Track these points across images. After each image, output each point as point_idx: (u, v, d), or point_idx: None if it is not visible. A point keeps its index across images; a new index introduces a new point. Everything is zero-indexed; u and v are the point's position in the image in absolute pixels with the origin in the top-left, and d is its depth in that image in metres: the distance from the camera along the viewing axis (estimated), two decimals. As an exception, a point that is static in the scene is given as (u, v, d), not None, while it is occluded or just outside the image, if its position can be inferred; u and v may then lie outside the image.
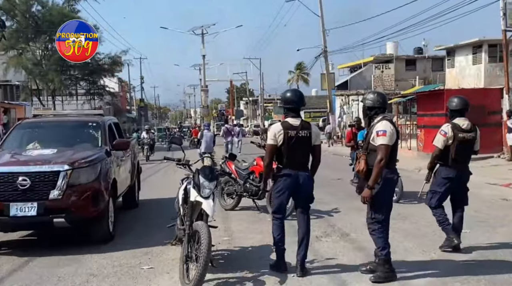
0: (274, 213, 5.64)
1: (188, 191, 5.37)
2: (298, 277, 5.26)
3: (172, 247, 6.37)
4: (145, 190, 11.08)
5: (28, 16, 33.98)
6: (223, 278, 5.32)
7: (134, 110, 67.26)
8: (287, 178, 5.38)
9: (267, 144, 5.51)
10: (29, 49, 34.52)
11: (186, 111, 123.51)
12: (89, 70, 37.84)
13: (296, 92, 5.75)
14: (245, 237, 7.20)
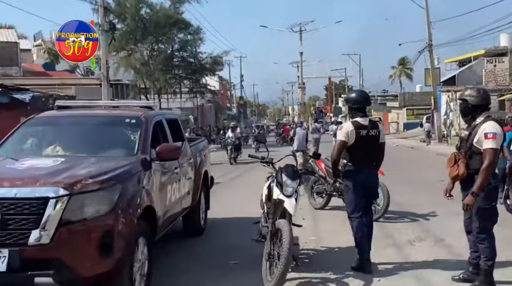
0: (352, 214, 5.61)
1: (272, 189, 5.43)
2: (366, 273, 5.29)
3: (257, 243, 6.47)
4: (220, 202, 9.33)
5: (137, 18, 36.21)
6: (306, 278, 5.33)
7: (234, 107, 69.11)
8: (358, 175, 5.53)
9: (338, 140, 5.57)
10: (137, 50, 36.76)
11: (285, 108, 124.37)
12: (192, 70, 39.51)
13: (362, 93, 6.03)
14: (333, 237, 7.12)
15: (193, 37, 38.53)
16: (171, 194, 5.81)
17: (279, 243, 4.92)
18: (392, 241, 6.94)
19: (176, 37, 38.68)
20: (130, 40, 35.98)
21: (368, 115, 5.79)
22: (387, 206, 8.12)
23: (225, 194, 11.87)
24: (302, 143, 14.43)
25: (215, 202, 8.58)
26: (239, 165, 19.88)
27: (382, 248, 6.52)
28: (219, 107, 60.19)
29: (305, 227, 7.58)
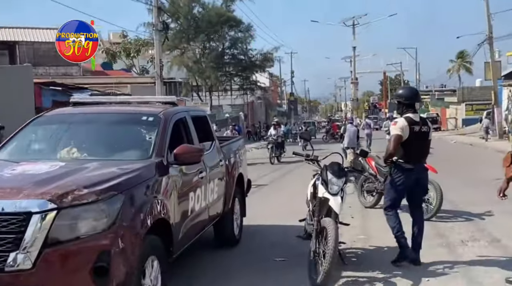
0: (389, 208, 5.69)
1: (317, 187, 5.43)
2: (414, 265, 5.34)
3: (304, 241, 6.49)
4: (260, 205, 9.00)
5: (190, 17, 36.90)
6: (353, 277, 5.29)
7: (284, 104, 69.03)
8: (409, 171, 5.52)
9: (394, 134, 5.52)
10: (190, 48, 37.49)
11: (337, 104, 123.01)
12: (242, 67, 39.90)
13: (412, 89, 6.10)
14: (382, 236, 6.97)
15: (243, 35, 38.94)
16: (195, 202, 5.12)
17: (325, 241, 4.93)
18: (444, 241, 6.77)
19: (227, 35, 39.19)
20: (183, 39, 36.73)
21: (417, 112, 5.82)
22: (439, 204, 7.93)
23: (270, 194, 11.98)
24: (353, 140, 14.28)
25: (257, 202, 8.58)
26: (282, 165, 19.28)
27: (433, 247, 6.38)
28: (269, 104, 60.36)
29: (354, 226, 7.55)
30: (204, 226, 5.67)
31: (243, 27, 38.75)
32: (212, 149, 6.10)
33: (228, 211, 6.43)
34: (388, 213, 5.74)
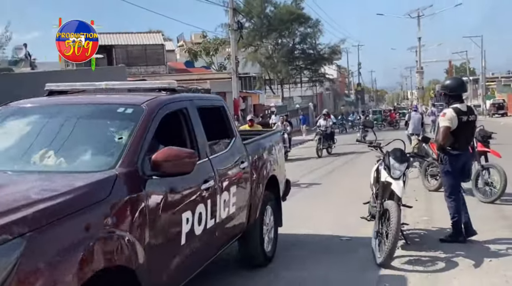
0: (451, 195, 5.56)
1: (380, 172, 5.34)
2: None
3: (370, 222, 6.39)
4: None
5: (262, 16, 37.09)
6: (416, 256, 5.15)
7: (352, 94, 67.67)
8: (458, 159, 5.48)
9: (443, 125, 5.42)
10: (263, 45, 37.73)
11: (403, 93, 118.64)
12: (311, 60, 39.63)
13: (458, 80, 5.94)
14: (445, 218, 6.64)
15: (312, 30, 38.65)
16: (194, 224, 3.47)
17: (387, 222, 4.86)
18: (508, 223, 6.43)
19: (297, 31, 39.06)
20: (256, 36, 37.06)
21: (464, 101, 5.76)
22: (504, 187, 7.53)
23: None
24: (418, 127, 13.76)
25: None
26: (332, 157, 17.26)
27: (497, 229, 6.08)
28: (337, 94, 59.41)
29: (418, 208, 7.34)
30: (214, 251, 4.02)
31: (311, 23, 38.44)
32: (230, 148, 4.47)
33: (255, 223, 4.79)
34: (448, 199, 5.61)
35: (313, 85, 43.69)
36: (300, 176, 11.63)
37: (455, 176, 5.54)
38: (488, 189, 7.78)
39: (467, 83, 65.81)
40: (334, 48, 40.75)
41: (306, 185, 10.67)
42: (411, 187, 8.75)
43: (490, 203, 7.52)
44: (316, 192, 9.84)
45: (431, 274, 4.61)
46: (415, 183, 9.29)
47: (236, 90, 23.03)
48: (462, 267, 4.75)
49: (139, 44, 33.05)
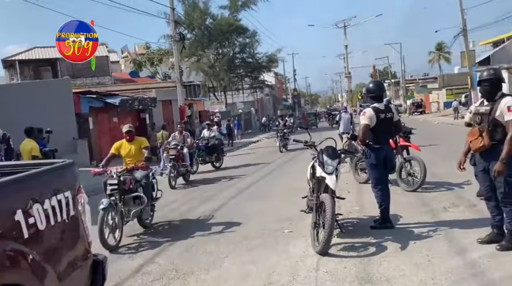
0: (377, 185, 5.76)
1: (315, 168, 5.45)
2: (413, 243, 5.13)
3: (309, 214, 6.51)
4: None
5: (203, 28, 36.86)
6: (350, 243, 5.30)
7: (289, 98, 68.80)
8: (380, 152, 5.70)
9: (362, 123, 5.68)
10: (205, 55, 37.47)
11: (334, 96, 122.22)
12: (251, 68, 39.86)
13: (377, 83, 6.22)
14: (374, 207, 6.91)
15: (250, 40, 38.82)
16: None
17: (324, 214, 4.96)
18: (428, 208, 6.71)
19: (236, 41, 39.10)
20: (198, 47, 36.75)
21: (383, 101, 6.04)
22: (424, 177, 7.89)
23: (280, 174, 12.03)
24: (347, 126, 14.17)
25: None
26: (288, 152, 17.99)
27: (419, 214, 6.37)
28: (276, 99, 60.23)
29: (350, 199, 7.56)
30: None
31: (249, 33, 38.67)
32: None
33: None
34: (375, 189, 5.83)
35: (254, 91, 44.01)
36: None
37: (379, 167, 5.74)
38: (410, 179, 8.14)
39: (390, 86, 68.94)
40: (271, 57, 41.24)
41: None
42: (344, 180, 9.02)
43: (413, 191, 7.86)
44: (259, 191, 9.92)
45: (364, 258, 4.75)
46: (347, 176, 9.58)
47: (181, 98, 22.71)
48: (390, 250, 4.93)
49: (84, 56, 31.85)
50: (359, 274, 4.32)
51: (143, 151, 6.96)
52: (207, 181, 12.06)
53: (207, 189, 10.74)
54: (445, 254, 4.66)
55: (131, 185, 6.30)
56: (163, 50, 36.56)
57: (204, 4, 36.18)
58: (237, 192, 9.80)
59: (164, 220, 7.46)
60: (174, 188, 10.90)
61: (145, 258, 5.52)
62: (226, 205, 8.43)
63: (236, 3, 37.51)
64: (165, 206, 8.34)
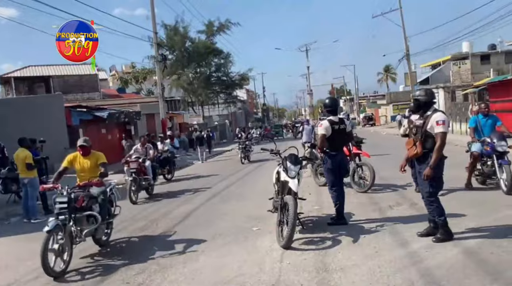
0: (333, 187, 5.87)
1: (280, 173, 5.51)
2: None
3: (274, 214, 6.54)
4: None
5: (183, 50, 36.63)
6: (310, 237, 5.37)
7: (259, 112, 69.09)
8: (335, 158, 5.82)
9: (320, 134, 5.84)
10: (184, 73, 37.21)
11: (299, 110, 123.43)
12: (225, 85, 39.81)
13: (332, 99, 6.29)
14: (331, 206, 6.99)
15: (225, 61, 38.85)
16: None
17: (287, 213, 5.00)
18: (377, 207, 6.87)
19: (213, 62, 39.02)
20: (179, 66, 36.47)
21: (337, 114, 6.14)
22: (373, 180, 8.08)
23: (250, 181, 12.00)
24: (309, 136, 14.31)
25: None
26: (250, 164, 16.43)
27: (368, 212, 6.51)
28: (248, 113, 60.29)
29: (311, 200, 7.64)
30: None
31: (224, 55, 38.69)
32: None
33: None
34: (331, 190, 5.94)
35: (228, 105, 43.95)
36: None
37: (335, 172, 5.86)
38: (362, 182, 8.32)
39: (345, 102, 70.19)
40: (243, 75, 41.34)
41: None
42: (305, 184, 9.15)
43: (364, 193, 8.03)
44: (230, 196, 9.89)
45: (321, 251, 4.82)
46: (309, 180, 9.71)
47: (163, 111, 22.49)
48: (344, 243, 5.02)
49: (75, 74, 31.19)
50: (317, 264, 4.39)
51: (99, 167, 5.74)
52: (171, 194, 10.36)
53: (170, 202, 9.17)
54: (390, 246, 4.79)
55: (83, 202, 5.22)
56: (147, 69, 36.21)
57: (183, 29, 36.05)
58: (201, 203, 8.81)
59: (123, 237, 6.33)
60: (136, 203, 9.23)
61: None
62: (188, 219, 7.33)
63: (212, 28, 37.54)
64: (124, 221, 7.12)
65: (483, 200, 6.60)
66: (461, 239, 4.74)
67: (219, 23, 37.30)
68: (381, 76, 64.16)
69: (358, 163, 8.51)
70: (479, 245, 4.50)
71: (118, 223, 6.66)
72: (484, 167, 7.34)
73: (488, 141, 7.09)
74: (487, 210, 5.94)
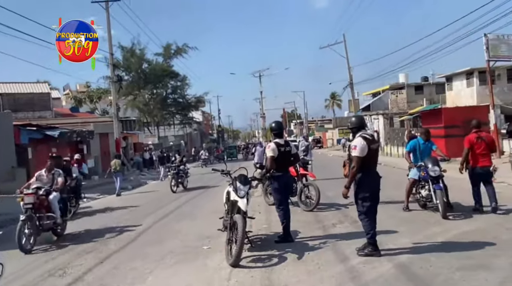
0: (280, 206, 5.94)
1: (230, 193, 5.51)
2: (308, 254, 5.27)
3: (224, 232, 6.49)
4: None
5: (139, 71, 36.04)
6: (257, 255, 5.36)
7: (215, 133, 68.90)
8: (282, 178, 5.91)
9: (269, 156, 5.90)
10: (140, 94, 36.52)
11: (252, 132, 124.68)
12: (181, 107, 39.49)
13: (278, 123, 6.39)
14: (279, 224, 7.09)
15: (181, 83, 38.68)
16: None
17: (236, 231, 4.99)
18: (321, 225, 7.00)
19: (169, 84, 38.70)
20: (135, 87, 35.80)
21: (284, 137, 6.36)
22: (318, 199, 8.24)
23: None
24: (261, 157, 14.45)
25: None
26: (187, 192, 13.79)
27: (313, 230, 6.61)
28: (203, 134, 59.97)
29: (260, 218, 7.66)
30: None
31: (180, 77, 38.54)
32: None
33: None
34: (278, 209, 5.99)
35: (184, 126, 43.51)
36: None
37: (282, 191, 5.95)
38: (308, 201, 8.47)
39: (296, 125, 71.79)
40: (199, 98, 41.29)
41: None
42: (256, 203, 9.20)
43: (310, 211, 8.17)
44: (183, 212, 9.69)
45: (268, 268, 4.82)
46: (259, 199, 9.76)
47: (117, 131, 21.81)
48: (290, 260, 5.07)
49: (27, 92, 29.59)
50: (263, 281, 4.39)
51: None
52: (85, 237, 7.51)
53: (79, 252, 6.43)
54: (332, 262, 4.90)
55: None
56: (102, 89, 35.07)
57: (140, 51, 35.56)
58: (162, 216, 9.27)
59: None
60: (30, 252, 6.44)
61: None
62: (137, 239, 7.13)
63: (169, 51, 37.35)
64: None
65: (416, 219, 6.95)
66: (394, 255, 4.95)
67: (176, 46, 37.26)
68: (328, 102, 66.81)
69: (305, 183, 8.69)
70: (410, 260, 4.72)
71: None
72: (422, 191, 7.39)
73: (424, 167, 7.19)
74: (418, 228, 6.26)
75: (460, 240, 5.42)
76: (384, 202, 6.81)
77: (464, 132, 17.40)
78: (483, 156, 7.02)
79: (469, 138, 7.11)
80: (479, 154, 7.02)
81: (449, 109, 19.69)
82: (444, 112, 17.93)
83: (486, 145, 7.02)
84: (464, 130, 16.15)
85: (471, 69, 26.18)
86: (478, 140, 7.01)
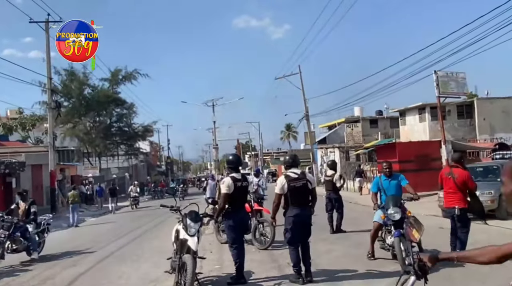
0: (233, 244, 5.96)
1: (179, 231, 5.44)
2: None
3: (173, 275, 6.32)
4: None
5: (81, 97, 34.96)
6: (208, 299, 5.28)
7: (163, 165, 67.49)
8: (237, 215, 5.95)
9: (223, 192, 5.90)
10: (81, 122, 35.24)
11: (204, 164, 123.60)
12: (127, 137, 38.53)
13: (235, 156, 6.50)
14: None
15: (127, 111, 37.93)
16: None
17: (185, 273, 4.91)
18: (276, 264, 7.03)
19: (114, 111, 37.83)
20: (75, 114, 34.59)
21: (239, 171, 6.32)
22: (273, 237, 8.27)
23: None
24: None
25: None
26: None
27: (268, 270, 6.62)
28: (151, 165, 58.56)
29: (212, 258, 7.56)
30: None
31: (127, 105, 37.82)
32: None
33: None
34: (231, 248, 5.97)
35: (129, 157, 42.29)
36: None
37: (236, 229, 5.93)
38: (263, 238, 8.47)
39: (250, 157, 72.40)
40: (147, 127, 40.59)
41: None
42: (207, 241, 9.08)
43: (265, 249, 8.18)
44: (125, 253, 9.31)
45: (219, 313, 4.77)
46: (211, 237, 9.63)
47: (53, 162, 20.75)
48: (243, 303, 5.05)
49: None
50: (215, 328, 4.32)
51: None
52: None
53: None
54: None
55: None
56: (37, 116, 33.45)
57: (83, 75, 34.61)
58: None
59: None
60: None
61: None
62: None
63: (116, 77, 36.72)
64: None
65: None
66: None
67: (126, 72, 36.72)
68: (283, 134, 68.36)
69: (259, 220, 8.72)
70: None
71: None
72: (388, 238, 6.51)
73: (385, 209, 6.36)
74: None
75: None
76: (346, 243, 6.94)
77: (418, 167, 18.28)
78: (449, 194, 6.45)
79: (440, 173, 6.80)
80: (446, 192, 6.56)
81: (403, 144, 20.93)
82: (398, 147, 19.03)
83: (454, 183, 6.35)
84: (417, 165, 17.39)
85: (423, 104, 28.25)
86: (447, 176, 6.50)
